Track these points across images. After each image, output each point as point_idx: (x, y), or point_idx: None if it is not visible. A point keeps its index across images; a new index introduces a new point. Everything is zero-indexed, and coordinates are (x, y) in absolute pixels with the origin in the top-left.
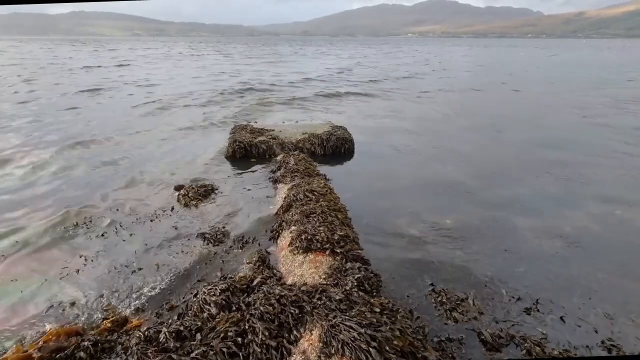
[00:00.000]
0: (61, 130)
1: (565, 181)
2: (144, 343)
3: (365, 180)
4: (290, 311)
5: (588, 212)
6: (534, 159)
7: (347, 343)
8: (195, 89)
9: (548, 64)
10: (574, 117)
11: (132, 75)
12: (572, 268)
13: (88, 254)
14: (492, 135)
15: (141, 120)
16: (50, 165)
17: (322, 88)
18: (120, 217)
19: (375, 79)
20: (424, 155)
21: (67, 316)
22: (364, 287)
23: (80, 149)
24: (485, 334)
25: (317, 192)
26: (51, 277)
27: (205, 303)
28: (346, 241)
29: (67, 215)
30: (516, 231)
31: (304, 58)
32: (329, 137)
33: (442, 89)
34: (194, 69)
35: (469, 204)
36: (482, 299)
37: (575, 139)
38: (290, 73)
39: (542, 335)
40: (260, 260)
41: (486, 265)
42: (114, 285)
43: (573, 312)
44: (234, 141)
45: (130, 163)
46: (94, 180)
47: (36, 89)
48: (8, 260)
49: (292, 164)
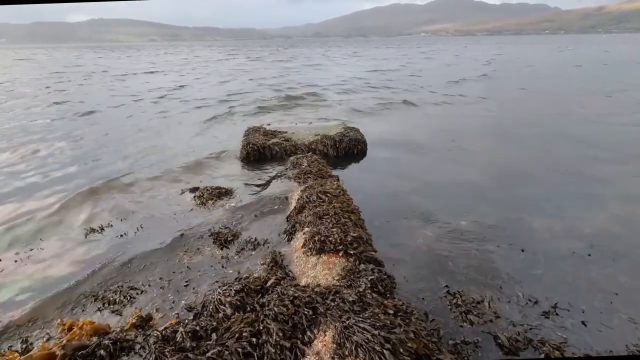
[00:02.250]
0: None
1: (586, 180)
2: (161, 342)
3: (378, 181)
4: (304, 312)
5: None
6: (553, 157)
7: (361, 344)
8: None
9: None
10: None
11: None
12: (592, 270)
13: (103, 250)
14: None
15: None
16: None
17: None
18: (138, 216)
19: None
20: (438, 154)
21: (89, 313)
22: (377, 289)
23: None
24: (501, 337)
25: (330, 194)
26: (70, 274)
27: (221, 303)
28: (359, 242)
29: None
30: (534, 232)
31: (342, 60)
32: (341, 139)
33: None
34: (248, 73)
35: (485, 204)
36: (498, 301)
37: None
38: (351, 78)
39: (561, 340)
40: (274, 262)
41: (502, 267)
42: (132, 284)
43: (594, 316)
44: (247, 143)
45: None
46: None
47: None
48: (31, 256)
49: (305, 166)
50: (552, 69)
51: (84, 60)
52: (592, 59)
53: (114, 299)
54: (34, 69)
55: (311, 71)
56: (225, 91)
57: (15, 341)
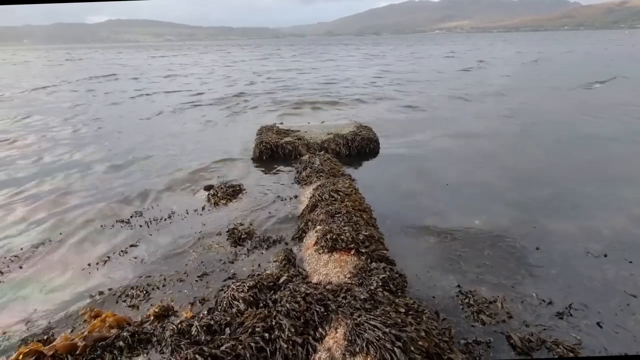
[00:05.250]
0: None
1: (604, 181)
2: (177, 335)
3: (390, 180)
4: (315, 309)
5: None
6: (570, 158)
7: (372, 342)
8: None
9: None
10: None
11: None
12: (609, 272)
13: (123, 247)
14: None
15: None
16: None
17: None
18: (153, 213)
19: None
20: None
21: (109, 306)
22: (388, 287)
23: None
24: (514, 338)
25: (342, 192)
26: (89, 269)
27: (234, 299)
28: (371, 241)
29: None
30: (549, 233)
31: (381, 59)
32: (354, 138)
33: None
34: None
35: (500, 204)
36: (511, 301)
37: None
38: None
39: (576, 341)
40: (287, 259)
41: (516, 267)
42: (151, 278)
43: (610, 317)
44: (260, 142)
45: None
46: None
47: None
48: (51, 252)
49: (318, 164)
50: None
51: (136, 60)
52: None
53: (132, 294)
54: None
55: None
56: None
57: (39, 332)
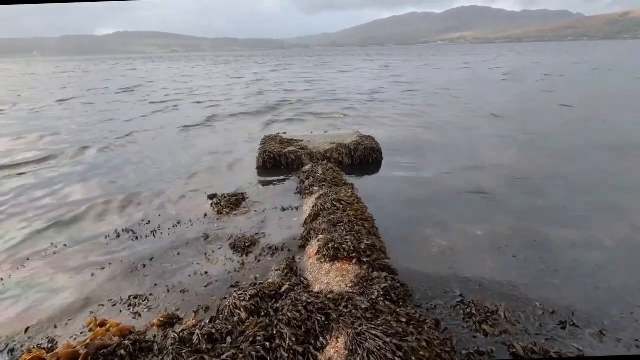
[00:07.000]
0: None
1: (607, 189)
2: (178, 344)
3: (393, 189)
4: (316, 318)
5: (632, 223)
6: (572, 165)
7: (373, 352)
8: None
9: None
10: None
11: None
12: (612, 281)
13: (123, 256)
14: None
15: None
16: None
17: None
18: (157, 222)
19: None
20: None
21: (110, 314)
22: (390, 297)
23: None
24: (517, 347)
25: (344, 202)
26: (94, 277)
27: (236, 308)
28: (373, 250)
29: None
30: (552, 242)
31: (401, 70)
32: (356, 147)
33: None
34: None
35: (502, 213)
36: (513, 311)
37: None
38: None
39: (578, 352)
40: (289, 268)
41: (518, 277)
42: (155, 287)
43: (613, 327)
44: (264, 152)
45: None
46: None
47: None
48: (55, 258)
49: (320, 174)
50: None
51: (157, 72)
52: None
53: (136, 302)
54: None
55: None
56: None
57: (42, 339)
